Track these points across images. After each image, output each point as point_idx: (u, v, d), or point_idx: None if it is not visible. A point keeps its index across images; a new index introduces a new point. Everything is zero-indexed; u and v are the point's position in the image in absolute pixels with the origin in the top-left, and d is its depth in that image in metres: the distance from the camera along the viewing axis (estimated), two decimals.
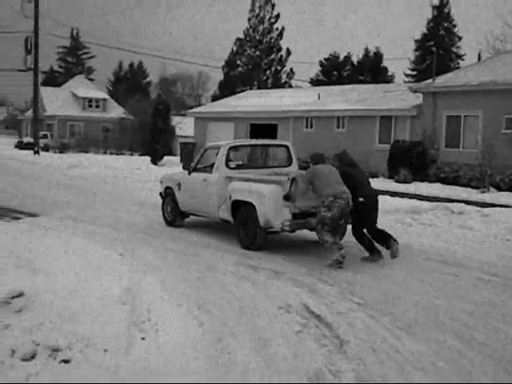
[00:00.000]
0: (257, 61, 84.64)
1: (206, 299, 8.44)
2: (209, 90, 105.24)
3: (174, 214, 14.85)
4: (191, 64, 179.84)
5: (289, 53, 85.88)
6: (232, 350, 6.64)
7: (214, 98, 79.67)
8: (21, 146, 63.98)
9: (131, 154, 54.95)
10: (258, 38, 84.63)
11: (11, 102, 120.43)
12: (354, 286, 9.37)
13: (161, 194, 15.41)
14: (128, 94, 76.83)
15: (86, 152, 57.12)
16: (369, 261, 11.23)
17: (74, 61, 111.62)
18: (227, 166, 13.23)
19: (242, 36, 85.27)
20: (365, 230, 11.42)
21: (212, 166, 13.61)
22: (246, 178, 12.54)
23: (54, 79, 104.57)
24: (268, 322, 7.56)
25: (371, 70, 78.58)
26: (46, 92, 75.93)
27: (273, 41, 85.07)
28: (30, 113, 75.28)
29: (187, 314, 7.72)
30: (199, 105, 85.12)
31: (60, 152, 56.45)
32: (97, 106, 75.72)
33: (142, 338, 6.83)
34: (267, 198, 11.45)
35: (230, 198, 12.49)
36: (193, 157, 30.91)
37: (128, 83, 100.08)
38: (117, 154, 55.11)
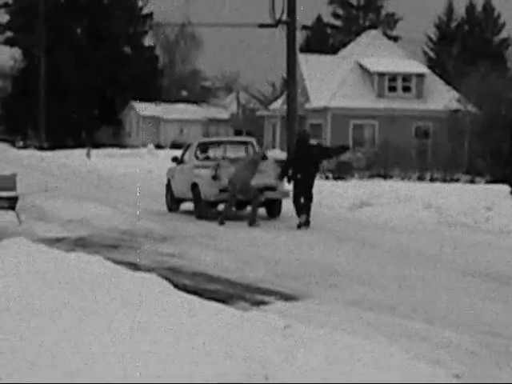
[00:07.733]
0: None
1: None
2: None
3: (172, 201, 18.62)
4: None
5: None
6: None
7: None
8: None
9: (471, 181, 31.51)
10: None
11: (245, 86, 69.62)
12: None
13: (166, 185, 19.12)
14: (465, 64, 44.82)
15: (386, 177, 32.06)
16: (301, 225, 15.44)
17: (362, 3, 68.68)
18: (196, 157, 17.76)
19: None
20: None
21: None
22: (204, 165, 17.07)
23: (325, 40, 67.13)
24: None
25: None
26: (308, 65, 45.07)
27: None
28: (279, 104, 46.79)
29: None
30: None
31: (338, 177, 30.65)
32: (405, 89, 43.68)
33: None
34: (203, 178, 16.66)
35: (191, 181, 17.12)
36: None
37: (464, 43, 63.45)
38: (444, 181, 31.26)
